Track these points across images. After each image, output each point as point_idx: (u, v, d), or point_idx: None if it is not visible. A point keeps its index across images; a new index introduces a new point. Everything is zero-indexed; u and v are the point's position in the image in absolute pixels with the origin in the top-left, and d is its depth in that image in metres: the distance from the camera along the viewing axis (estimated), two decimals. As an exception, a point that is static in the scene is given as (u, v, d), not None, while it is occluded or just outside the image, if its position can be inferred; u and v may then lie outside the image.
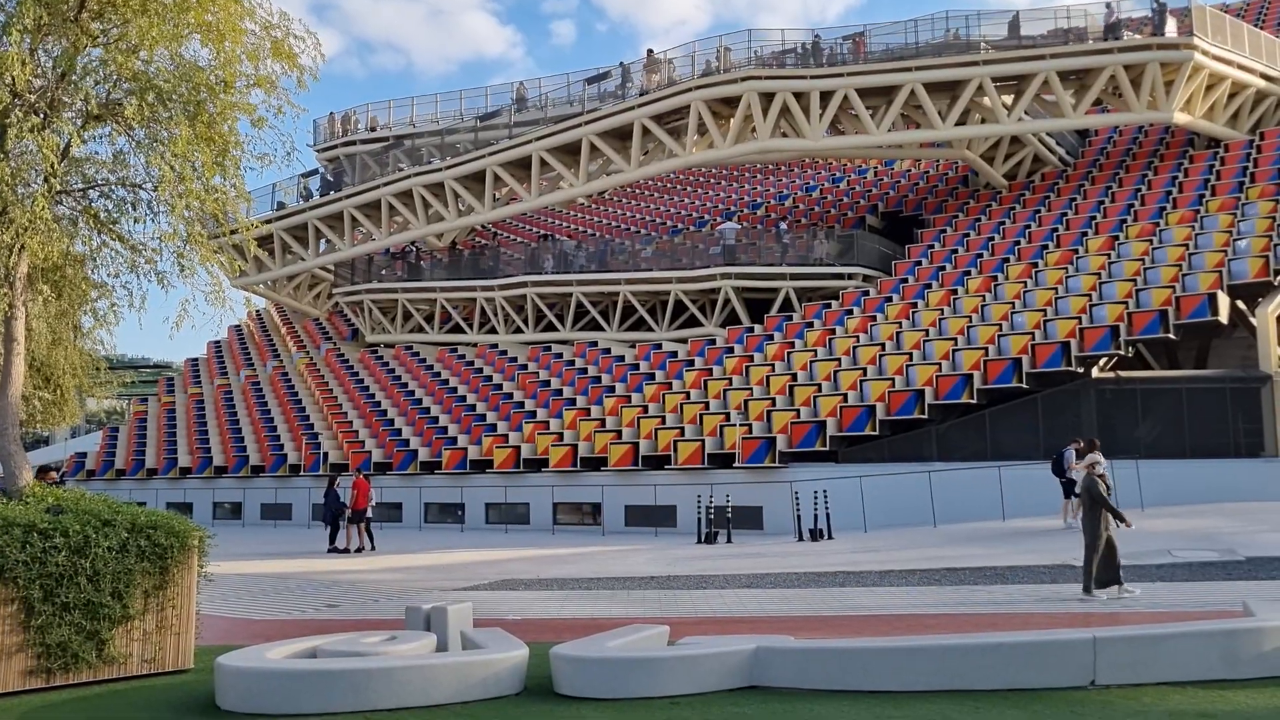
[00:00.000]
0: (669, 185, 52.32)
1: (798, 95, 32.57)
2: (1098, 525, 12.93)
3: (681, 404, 29.87)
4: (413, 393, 37.74)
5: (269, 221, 39.68)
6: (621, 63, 38.66)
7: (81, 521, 9.53)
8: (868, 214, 40.11)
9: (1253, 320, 26.05)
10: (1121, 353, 26.05)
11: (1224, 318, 26.02)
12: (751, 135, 33.99)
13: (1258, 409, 24.30)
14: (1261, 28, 38.57)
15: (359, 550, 23.94)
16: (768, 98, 32.69)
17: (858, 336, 30.32)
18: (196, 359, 49.67)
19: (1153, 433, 23.02)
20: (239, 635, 11.79)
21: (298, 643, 9.84)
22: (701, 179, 52.04)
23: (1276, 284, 26.46)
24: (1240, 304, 26.87)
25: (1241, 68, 32.48)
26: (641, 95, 35.53)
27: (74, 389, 23.86)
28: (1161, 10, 32.04)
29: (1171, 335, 25.99)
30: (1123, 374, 26.15)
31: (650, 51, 37.30)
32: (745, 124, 33.97)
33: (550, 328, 38.82)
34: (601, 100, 37.67)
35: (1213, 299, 25.76)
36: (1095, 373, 26.14)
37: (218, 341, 49.63)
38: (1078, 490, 18.65)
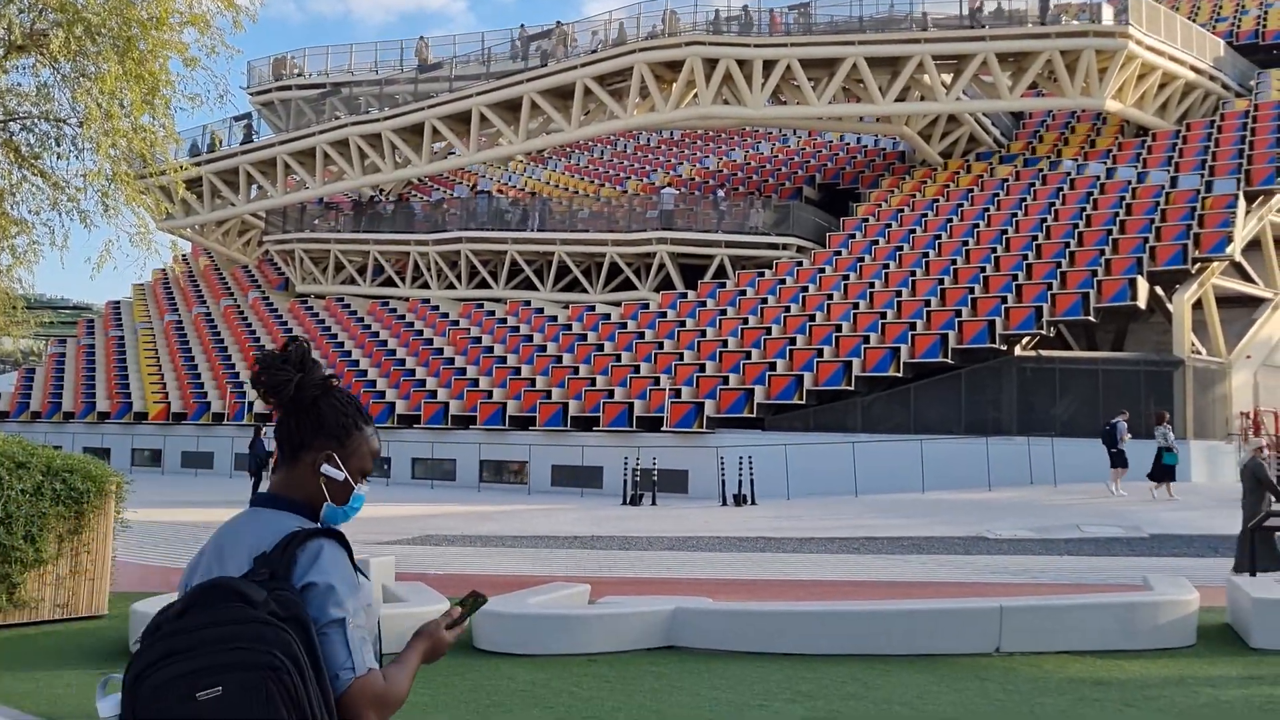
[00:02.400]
0: (610, 147, 52.04)
1: (741, 63, 32.54)
2: (1258, 506, 12.63)
3: (611, 365, 29.95)
4: (342, 344, 37.31)
5: (198, 164, 38.67)
6: (522, 25, 38.71)
7: (-6, 463, 9.33)
8: (805, 185, 40.33)
9: (1169, 306, 26.84)
10: (1044, 332, 26.67)
11: (1143, 303, 26.75)
12: (694, 101, 33.93)
13: (1170, 392, 25.11)
14: (1194, 22, 39.34)
15: (282, 501, 23.68)
16: (711, 64, 32.63)
17: (789, 306, 30.59)
18: (118, 301, 48.47)
19: (1069, 411, 23.65)
20: (155, 583, 11.66)
21: (216, 592, 9.74)
22: (642, 143, 51.84)
23: (1193, 272, 27.26)
24: (1159, 290, 27.65)
25: (1173, 59, 33.16)
26: (542, 66, 35.40)
27: (-12, 328, 23.16)
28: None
29: (1092, 318, 26.66)
30: (1043, 353, 26.79)
31: (559, 23, 37.28)
32: (688, 89, 33.89)
33: (484, 285, 38.57)
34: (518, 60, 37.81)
35: (1133, 284, 26.45)
36: (1018, 351, 26.74)
37: (142, 285, 48.44)
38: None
